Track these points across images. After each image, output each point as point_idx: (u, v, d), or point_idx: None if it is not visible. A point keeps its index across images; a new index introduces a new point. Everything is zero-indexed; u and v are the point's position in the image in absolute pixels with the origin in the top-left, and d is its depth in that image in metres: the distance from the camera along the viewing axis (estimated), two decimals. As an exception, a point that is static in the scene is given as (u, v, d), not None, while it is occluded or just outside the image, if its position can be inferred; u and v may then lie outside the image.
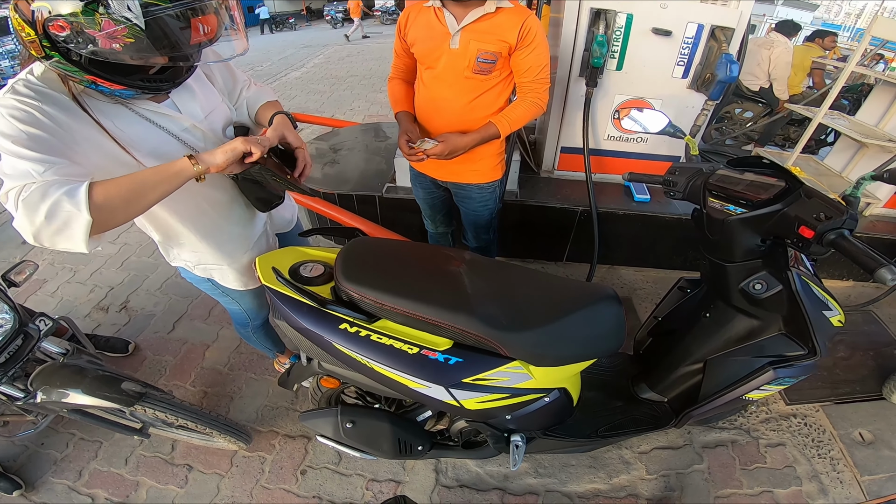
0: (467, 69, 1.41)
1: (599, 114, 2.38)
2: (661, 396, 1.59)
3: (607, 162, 2.57)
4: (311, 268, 1.08)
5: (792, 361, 1.25)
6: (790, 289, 1.13)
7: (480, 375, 1.04)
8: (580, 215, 2.47)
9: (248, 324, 1.54)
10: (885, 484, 1.86)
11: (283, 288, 1.00)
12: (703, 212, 1.20)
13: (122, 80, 0.81)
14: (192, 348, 2.22)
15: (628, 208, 2.49)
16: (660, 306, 1.64)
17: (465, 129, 1.51)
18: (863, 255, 0.84)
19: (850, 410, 2.13)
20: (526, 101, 1.50)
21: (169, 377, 2.08)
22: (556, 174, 2.70)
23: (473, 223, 1.89)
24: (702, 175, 1.22)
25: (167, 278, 2.66)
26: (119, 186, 0.79)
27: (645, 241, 2.62)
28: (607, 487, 1.77)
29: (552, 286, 1.16)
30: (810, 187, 1.01)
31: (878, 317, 2.64)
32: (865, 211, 2.75)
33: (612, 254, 2.73)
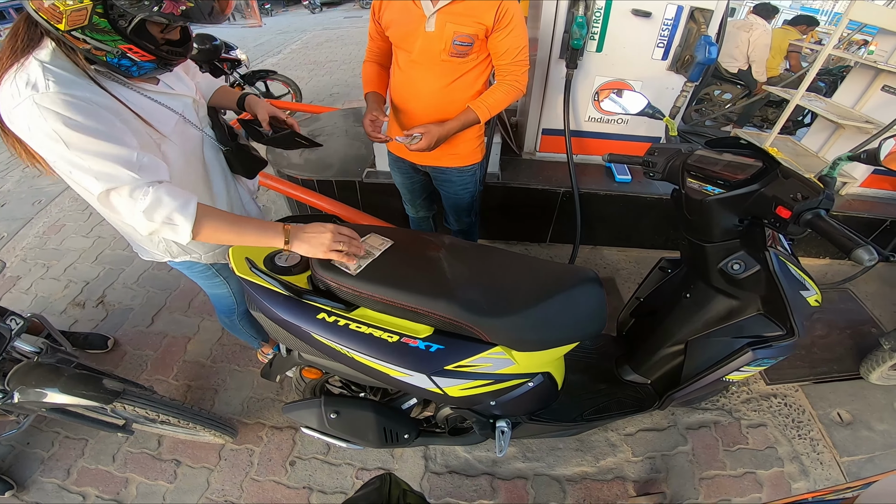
0: (443, 52, 1.38)
1: (580, 95, 2.37)
2: (644, 378, 1.61)
3: (588, 143, 2.58)
4: (286, 257, 1.06)
5: (771, 342, 1.26)
6: (768, 269, 1.14)
7: (462, 362, 1.03)
8: (562, 196, 2.49)
9: (234, 310, 1.52)
10: (865, 465, 1.90)
11: (257, 279, 0.97)
12: (681, 192, 1.21)
13: (153, 50, 0.85)
14: (172, 341, 2.18)
15: (610, 189, 2.51)
16: (641, 287, 1.65)
17: (442, 113, 1.49)
18: (840, 235, 0.84)
19: (829, 390, 2.17)
20: (504, 84, 1.48)
21: (150, 372, 2.05)
22: (538, 156, 2.70)
23: (455, 206, 1.88)
24: (680, 156, 1.22)
25: (144, 271, 2.60)
26: (222, 226, 0.93)
27: (626, 221, 2.65)
28: (595, 470, 1.80)
29: (533, 269, 1.15)
30: (787, 167, 1.01)
31: (855, 294, 2.70)
32: (842, 190, 2.80)
33: (595, 234, 2.75)
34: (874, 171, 2.65)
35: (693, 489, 1.78)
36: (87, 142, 0.79)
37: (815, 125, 2.89)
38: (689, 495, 1.77)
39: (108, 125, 0.83)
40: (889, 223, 2.67)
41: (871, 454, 1.94)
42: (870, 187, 2.76)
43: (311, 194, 1.98)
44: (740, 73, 4.17)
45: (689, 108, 4.03)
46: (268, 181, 1.95)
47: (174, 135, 1.00)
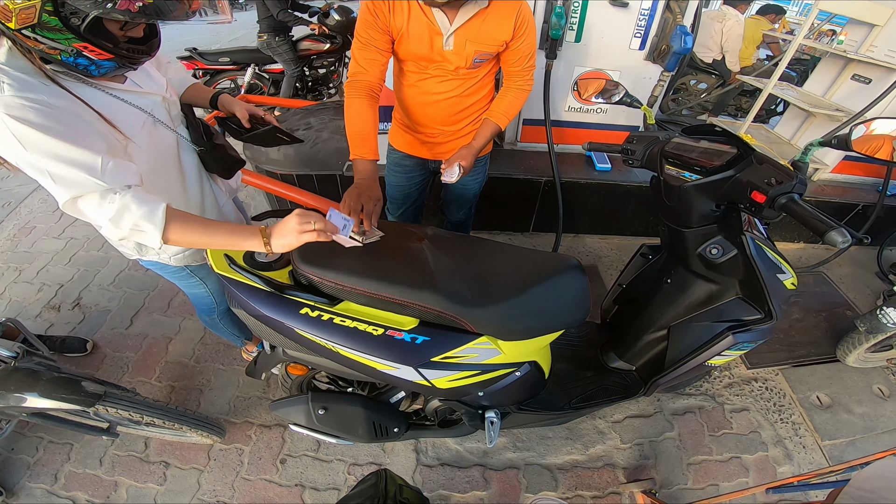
0: (463, 68, 1.34)
1: (559, 86, 2.39)
2: (629, 365, 1.62)
3: (568, 133, 2.60)
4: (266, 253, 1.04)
5: (750, 325, 1.28)
6: (745, 253, 1.15)
7: (449, 353, 1.02)
8: (544, 186, 2.51)
9: (214, 309, 1.49)
10: (846, 449, 1.94)
11: (238, 275, 0.95)
12: (660, 179, 1.22)
13: (111, 49, 0.81)
14: (153, 342, 2.13)
15: (590, 177, 2.54)
16: (623, 274, 1.66)
17: (457, 117, 1.49)
18: (813, 218, 0.86)
19: (808, 373, 2.22)
20: (513, 89, 1.45)
21: (132, 374, 2.00)
22: (519, 146, 2.72)
23: (460, 197, 1.85)
24: (658, 143, 1.23)
25: (120, 271, 2.53)
26: (193, 231, 0.90)
27: (607, 209, 2.69)
28: (585, 458, 1.81)
29: (516, 258, 1.15)
30: (761, 153, 1.03)
31: (829, 277, 2.77)
32: (814, 176, 2.87)
33: (577, 223, 2.79)
34: (845, 157, 2.74)
35: (682, 475, 1.81)
36: (47, 147, 0.76)
37: (788, 113, 2.97)
38: (678, 481, 1.79)
39: (68, 128, 0.80)
40: (861, 207, 2.75)
41: (852, 438, 1.98)
42: (841, 173, 2.85)
43: (290, 189, 1.93)
44: (715, 62, 4.25)
45: (666, 97, 4.12)
46: (246, 177, 1.90)
47: (142, 136, 0.96)
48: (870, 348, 2.10)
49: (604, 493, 1.73)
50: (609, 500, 1.71)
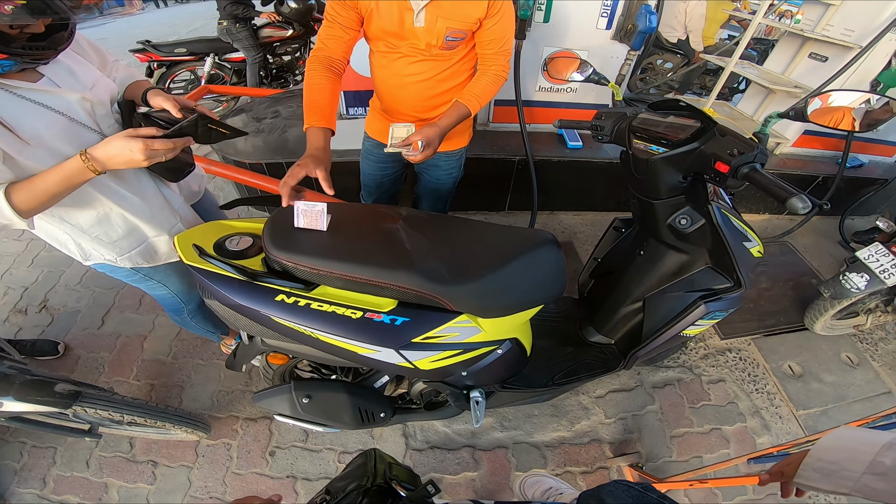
0: (435, 47, 1.30)
1: (529, 66, 2.38)
2: (608, 338, 1.63)
3: (539, 112, 2.61)
4: (237, 241, 1.00)
5: (720, 294, 1.30)
6: (712, 222, 1.17)
7: (429, 333, 1.01)
8: (517, 164, 2.51)
9: (182, 309, 1.44)
10: (820, 418, 1.98)
11: (207, 265, 0.91)
12: (629, 153, 1.23)
13: (3, 49, 0.77)
14: (127, 341, 2.06)
15: (562, 155, 2.56)
16: (598, 248, 1.67)
17: (432, 104, 1.44)
18: (774, 186, 0.88)
19: (778, 343, 2.27)
20: (489, 74, 1.40)
21: (108, 374, 1.93)
22: (492, 126, 2.71)
23: (434, 192, 1.79)
24: (626, 119, 1.24)
25: (86, 271, 2.42)
26: (33, 193, 0.86)
27: (580, 185, 2.71)
28: (571, 434, 1.82)
29: (492, 235, 1.14)
30: (724, 126, 1.05)
31: (794, 247, 2.83)
32: (776, 150, 2.93)
33: (551, 200, 2.81)
34: (805, 131, 2.79)
35: (666, 447, 1.83)
36: None
37: (749, 91, 3.02)
38: (663, 454, 1.81)
39: None
40: (821, 179, 2.82)
41: (825, 407, 2.02)
42: (801, 147, 2.91)
43: (258, 177, 1.85)
44: (679, 42, 4.30)
45: (633, 76, 4.17)
46: (212, 167, 1.83)
47: (53, 138, 0.89)
48: (835, 315, 2.15)
49: (592, 469, 1.74)
50: (598, 475, 1.73)
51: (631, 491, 0.64)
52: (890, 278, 1.81)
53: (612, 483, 0.68)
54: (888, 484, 0.55)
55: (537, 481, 1.59)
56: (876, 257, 1.87)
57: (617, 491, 0.65)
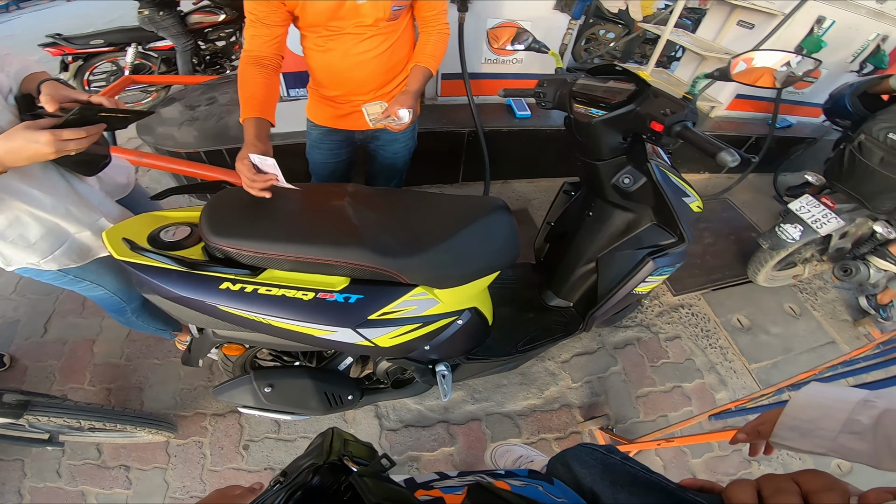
0: (382, 20, 1.25)
1: (473, 38, 2.36)
2: (566, 301, 1.67)
3: (486, 84, 2.61)
4: (173, 231, 0.94)
5: (666, 250, 1.35)
6: (652, 180, 1.22)
7: (386, 309, 0.99)
8: (468, 136, 2.52)
9: (125, 308, 1.36)
10: (771, 371, 2.09)
11: (141, 258, 0.85)
12: (571, 118, 1.26)
13: None
14: (75, 347, 1.93)
15: (511, 125, 2.59)
16: (550, 212, 1.70)
17: (387, 78, 1.41)
18: (705, 142, 0.92)
19: (725, 296, 2.38)
20: (433, 33, 1.40)
21: (61, 382, 1.82)
22: (440, 100, 2.69)
23: (390, 168, 1.75)
24: (566, 85, 1.26)
25: (19, 279, 2.24)
26: None
27: (531, 153, 2.75)
28: (541, 401, 1.86)
29: (442, 204, 1.13)
30: (657, 88, 1.09)
31: (734, 203, 2.99)
32: (711, 113, 3.07)
33: (503, 169, 2.84)
34: (737, 95, 2.93)
35: (633, 408, 1.90)
36: None
37: (685, 58, 3.14)
38: (631, 415, 1.88)
39: None
40: (754, 139, 2.98)
41: (774, 360, 2.14)
42: (735, 109, 3.06)
43: (195, 166, 1.75)
44: (620, 12, 4.41)
45: (577, 46, 4.26)
46: (142, 160, 1.70)
47: None
48: (775, 266, 2.27)
49: (565, 434, 1.79)
50: (571, 440, 1.78)
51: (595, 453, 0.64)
52: (822, 227, 1.92)
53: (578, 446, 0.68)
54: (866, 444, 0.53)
55: (508, 450, 1.62)
56: (807, 208, 1.99)
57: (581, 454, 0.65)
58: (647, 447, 1.54)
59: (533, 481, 0.61)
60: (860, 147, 1.86)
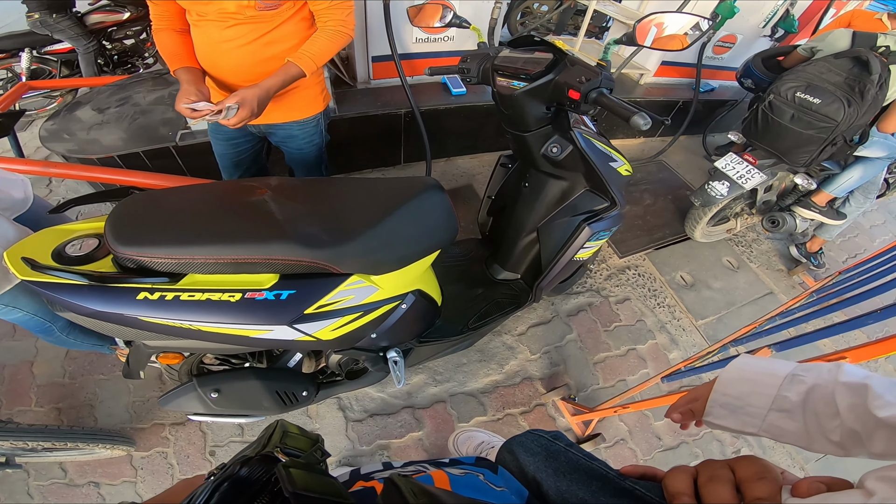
0: (249, 7, 1.17)
1: (401, 18, 2.27)
2: (514, 274, 1.70)
3: (419, 63, 2.57)
4: (80, 244, 0.88)
5: (600, 214, 1.38)
6: (578, 147, 1.24)
7: (321, 302, 0.97)
8: (405, 117, 2.49)
9: (51, 328, 1.28)
10: (717, 326, 2.19)
11: (45, 276, 0.79)
12: (495, 91, 1.26)
13: None
14: (14, 370, 1.81)
15: (448, 103, 2.58)
16: (489, 185, 1.70)
17: (259, 73, 1.27)
18: (619, 107, 0.96)
19: (668, 254, 2.49)
20: (326, 30, 1.30)
21: (7, 406, 1.71)
22: (374, 83, 2.63)
23: (302, 163, 1.70)
24: (489, 59, 1.26)
25: None
26: None
27: (471, 129, 2.76)
28: (503, 377, 1.89)
29: (370, 189, 1.10)
30: (573, 56, 1.11)
31: (668, 164, 3.12)
32: (640, 81, 3.18)
33: (445, 147, 2.84)
34: (663, 62, 3.04)
35: (591, 375, 1.95)
36: None
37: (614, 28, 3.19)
38: (590, 382, 1.93)
39: None
40: (681, 103, 3.11)
41: (719, 314, 2.25)
42: (661, 76, 3.17)
43: (109, 171, 1.62)
44: None
45: (513, 20, 4.25)
46: (50, 170, 1.59)
47: None
48: (709, 222, 2.40)
49: (530, 407, 1.83)
50: (537, 413, 1.81)
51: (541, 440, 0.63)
52: (746, 182, 2.04)
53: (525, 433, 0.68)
54: (795, 423, 0.48)
55: (469, 437, 1.64)
56: (732, 165, 2.10)
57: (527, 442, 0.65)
58: (606, 414, 1.60)
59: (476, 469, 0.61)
60: (770, 106, 1.97)
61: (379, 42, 2.37)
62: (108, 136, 2.07)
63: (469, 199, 2.64)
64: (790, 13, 2.87)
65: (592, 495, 0.49)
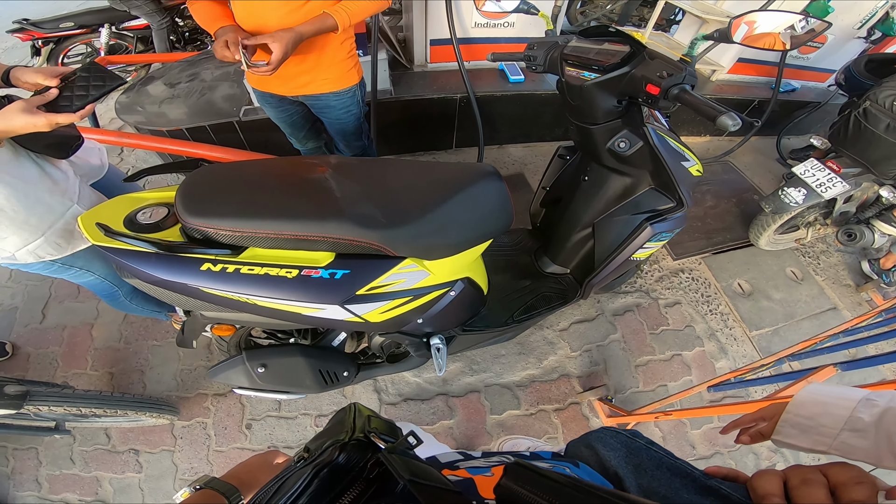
0: None
1: (462, 2, 2.27)
2: (563, 268, 1.63)
3: (478, 49, 2.50)
4: (150, 213, 0.89)
5: (664, 215, 1.29)
6: (649, 144, 1.16)
7: (373, 283, 0.95)
8: (460, 102, 2.45)
9: (117, 293, 1.34)
10: (772, 339, 2.04)
11: (116, 243, 0.81)
12: (563, 81, 1.19)
13: None
14: (74, 332, 1.92)
15: (505, 90, 2.51)
16: (545, 177, 1.64)
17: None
18: (704, 105, 0.88)
19: (727, 260, 2.32)
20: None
21: (64, 368, 1.82)
22: (430, 67, 2.60)
23: (341, 132, 1.70)
24: (557, 47, 1.20)
25: None
26: None
27: (526, 118, 2.68)
28: (540, 371, 1.84)
29: (428, 173, 1.07)
30: (652, 50, 1.03)
31: (735, 166, 2.90)
32: (712, 77, 2.95)
33: (498, 134, 2.78)
34: (739, 58, 2.80)
35: (632, 377, 1.87)
36: None
37: (685, 21, 3.00)
38: (630, 384, 1.85)
39: None
40: (757, 103, 2.87)
41: (775, 326, 2.09)
42: (736, 73, 2.93)
43: (178, 143, 1.69)
44: None
45: (573, 8, 4.08)
46: (124, 140, 1.66)
47: None
48: (777, 230, 2.21)
49: (564, 405, 1.78)
50: (570, 411, 1.76)
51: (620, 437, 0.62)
52: (826, 191, 1.86)
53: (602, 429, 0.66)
54: (867, 441, 0.52)
55: (515, 443, 1.60)
56: (812, 172, 1.92)
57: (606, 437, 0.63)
58: (646, 419, 1.53)
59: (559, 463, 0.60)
60: (865, 113, 1.80)
61: (438, 25, 2.32)
62: (177, 109, 2.16)
63: (520, 188, 2.56)
64: (890, 15, 2.60)
65: (675, 492, 0.48)
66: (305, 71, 1.38)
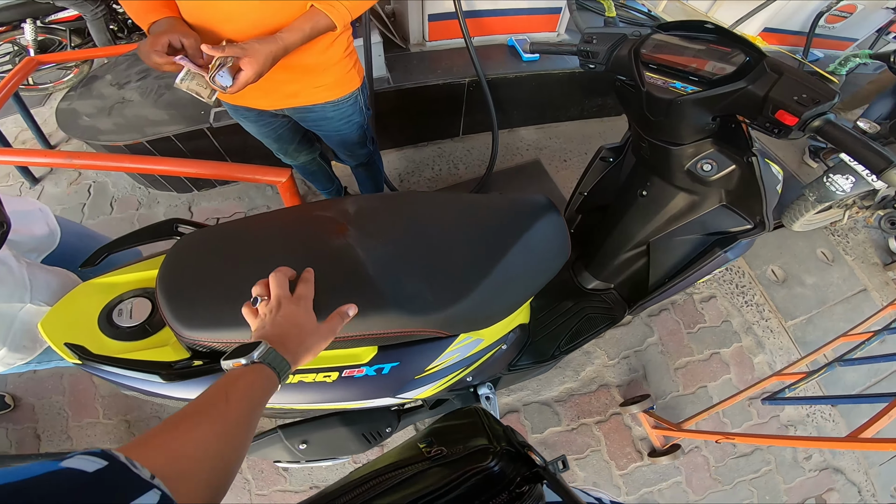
0: None
1: None
2: (606, 284, 1.45)
3: (485, 22, 2.13)
4: (130, 307, 0.70)
5: (738, 237, 1.08)
6: (747, 170, 0.92)
7: (426, 370, 0.78)
8: (468, 87, 2.09)
9: None
10: (806, 328, 1.95)
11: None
12: (631, 85, 0.92)
13: None
14: (74, 380, 1.72)
15: (518, 70, 2.14)
16: (584, 181, 1.37)
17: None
18: (864, 148, 0.63)
19: (759, 245, 2.18)
20: None
21: (75, 418, 1.65)
22: (430, 46, 2.18)
23: (342, 143, 1.39)
24: (627, 43, 0.92)
25: None
26: None
27: (540, 98, 2.35)
28: (578, 384, 1.74)
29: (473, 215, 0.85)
30: (774, 59, 0.75)
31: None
32: None
33: (509, 118, 2.45)
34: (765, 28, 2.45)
35: (671, 381, 1.78)
36: None
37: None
38: (670, 389, 1.76)
39: None
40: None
41: (809, 314, 2.00)
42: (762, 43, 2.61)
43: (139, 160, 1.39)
44: None
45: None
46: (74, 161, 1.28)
47: None
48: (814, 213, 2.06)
49: (606, 417, 1.68)
50: (612, 423, 1.67)
51: None
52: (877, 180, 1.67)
53: None
54: None
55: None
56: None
57: None
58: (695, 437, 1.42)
59: None
60: None
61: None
62: (132, 116, 1.80)
63: (538, 177, 2.33)
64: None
65: None
66: (293, 79, 1.05)
